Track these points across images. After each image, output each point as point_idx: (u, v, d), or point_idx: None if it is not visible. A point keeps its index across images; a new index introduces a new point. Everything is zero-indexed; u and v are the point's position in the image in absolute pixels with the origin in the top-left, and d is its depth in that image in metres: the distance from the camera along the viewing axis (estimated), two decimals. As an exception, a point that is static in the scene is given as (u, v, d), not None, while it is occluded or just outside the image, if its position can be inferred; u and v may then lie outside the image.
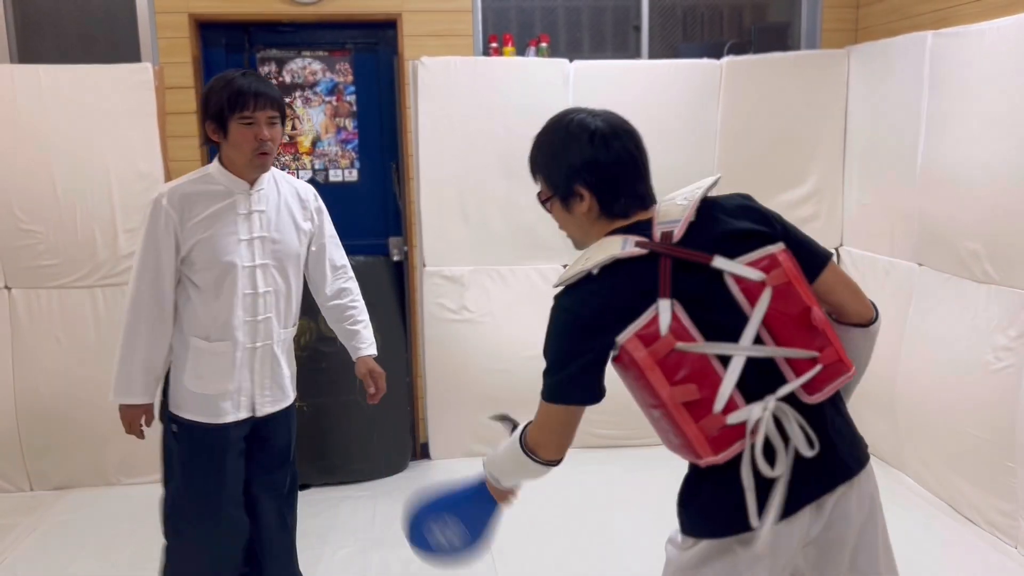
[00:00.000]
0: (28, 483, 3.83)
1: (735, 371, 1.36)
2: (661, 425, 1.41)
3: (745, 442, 1.35)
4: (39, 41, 3.91)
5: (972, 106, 3.22)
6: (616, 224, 1.52)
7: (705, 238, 1.44)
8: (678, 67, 4.00)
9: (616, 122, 1.55)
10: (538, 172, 1.61)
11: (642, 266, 1.41)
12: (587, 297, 1.43)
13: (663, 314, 1.37)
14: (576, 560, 3.11)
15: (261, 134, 2.23)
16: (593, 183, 1.51)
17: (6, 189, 3.64)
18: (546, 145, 1.58)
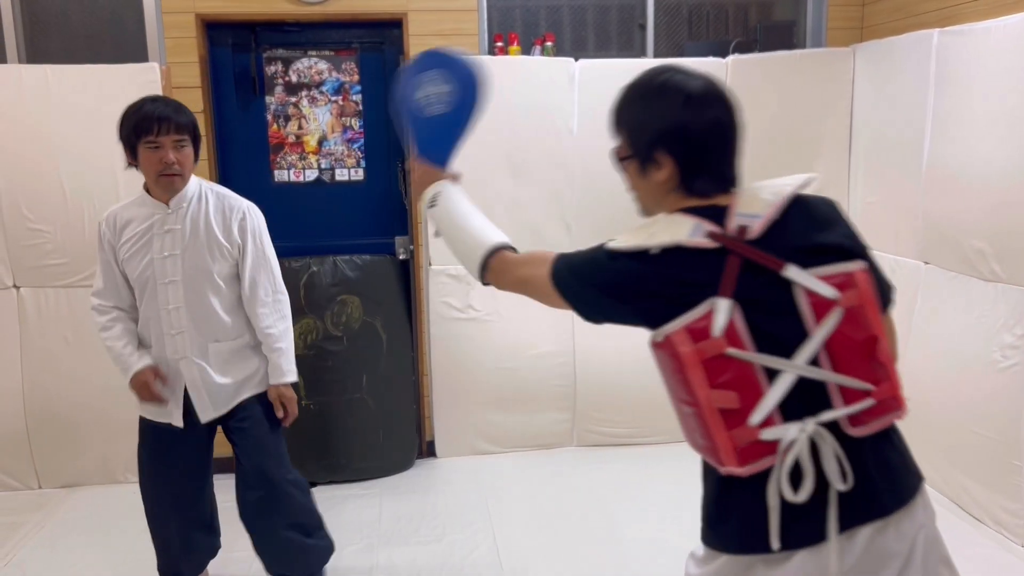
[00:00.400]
0: (36, 481, 3.86)
1: (782, 387, 1.27)
2: (689, 423, 1.34)
3: (774, 460, 1.27)
4: (46, 41, 3.93)
5: (978, 104, 3.21)
6: (691, 202, 1.39)
7: (783, 241, 1.32)
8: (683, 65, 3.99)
9: (715, 88, 1.41)
10: (620, 127, 1.48)
11: (707, 256, 1.31)
12: (637, 273, 1.34)
13: (719, 315, 1.27)
14: (581, 557, 3.11)
15: (166, 157, 2.36)
16: (678, 152, 1.38)
17: (14, 189, 3.66)
18: (635, 100, 1.44)
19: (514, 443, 4.16)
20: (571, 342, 4.12)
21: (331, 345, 3.84)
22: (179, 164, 2.38)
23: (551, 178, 3.99)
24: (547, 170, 3.98)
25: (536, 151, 3.95)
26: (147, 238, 2.46)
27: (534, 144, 3.94)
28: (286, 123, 4.06)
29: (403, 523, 3.47)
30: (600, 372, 4.09)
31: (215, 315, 2.51)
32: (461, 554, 3.18)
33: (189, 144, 2.42)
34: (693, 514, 3.67)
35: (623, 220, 4.47)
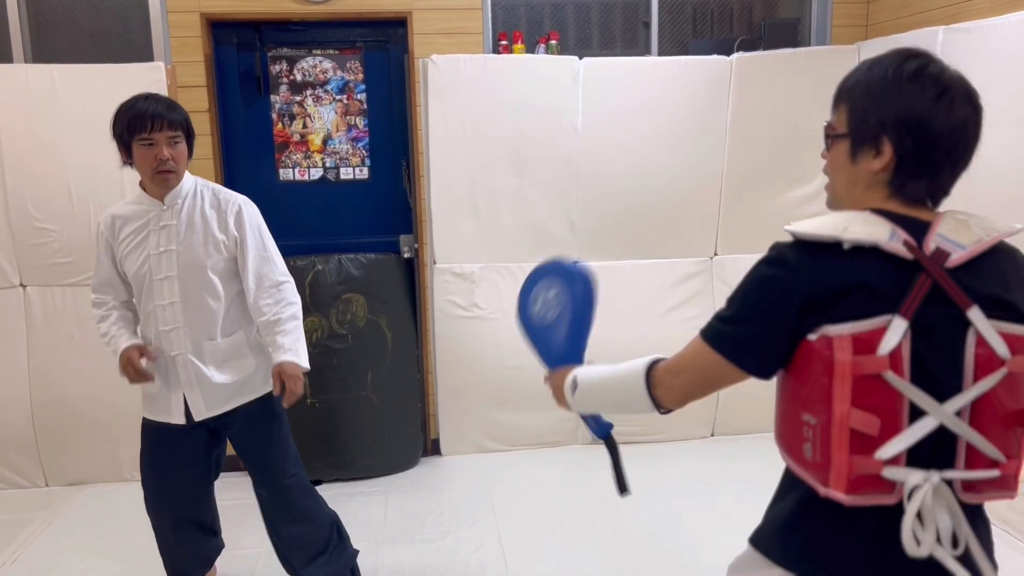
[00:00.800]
0: (44, 478, 3.88)
1: (923, 429, 1.18)
2: (804, 433, 1.23)
3: (883, 499, 1.19)
4: (53, 41, 3.94)
5: (983, 102, 3.20)
6: (891, 204, 1.28)
7: (974, 282, 1.22)
8: (688, 64, 4.00)
9: (970, 88, 1.30)
10: (845, 100, 1.32)
11: (896, 270, 1.20)
12: (822, 268, 1.21)
13: (892, 334, 1.16)
14: (586, 555, 3.12)
15: (161, 154, 2.37)
16: (907, 146, 1.24)
17: (20, 188, 3.67)
18: (876, 79, 1.27)
19: (519, 441, 4.16)
20: (576, 340, 4.12)
21: (336, 343, 3.85)
22: (173, 160, 2.40)
23: (556, 176, 3.99)
24: (552, 168, 3.98)
25: (541, 149, 3.95)
26: (143, 235, 2.48)
27: (539, 142, 3.94)
28: (291, 122, 4.07)
29: (408, 521, 3.48)
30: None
31: (211, 311, 2.51)
32: (466, 552, 3.19)
33: (183, 140, 2.43)
34: (698, 512, 3.68)
35: (628, 217, 4.50)
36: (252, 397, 2.61)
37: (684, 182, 4.05)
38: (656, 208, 4.06)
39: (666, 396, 1.40)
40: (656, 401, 1.41)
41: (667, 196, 4.06)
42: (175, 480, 2.63)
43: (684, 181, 4.05)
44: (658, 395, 1.40)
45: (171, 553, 2.74)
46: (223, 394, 2.56)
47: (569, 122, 3.96)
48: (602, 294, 4.38)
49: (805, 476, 1.25)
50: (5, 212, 3.69)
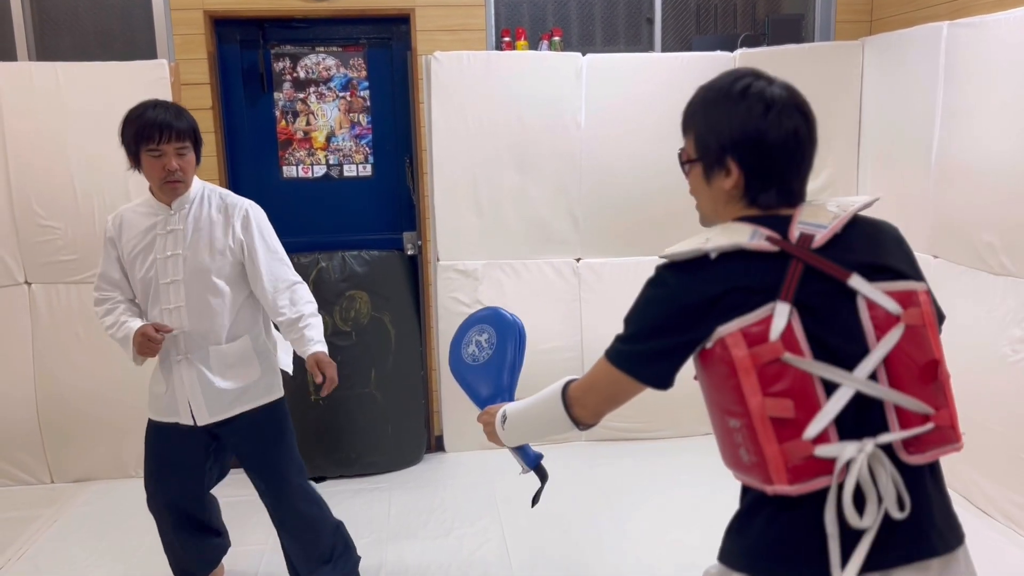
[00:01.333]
0: (49, 475, 3.89)
1: (840, 401, 1.20)
2: (734, 438, 1.26)
3: (826, 481, 1.20)
4: (56, 39, 3.95)
5: (988, 97, 3.20)
6: (752, 211, 1.35)
7: (847, 255, 1.28)
8: (691, 60, 3.99)
9: (797, 98, 1.36)
10: (690, 129, 1.41)
11: (766, 263, 1.26)
12: (696, 281, 1.28)
13: (778, 318, 1.21)
14: (589, 552, 3.12)
15: (169, 165, 2.38)
16: (748, 163, 1.33)
17: (25, 185, 3.68)
18: (710, 103, 1.37)
19: (522, 438, 4.16)
20: (579, 336, 4.12)
21: (340, 340, 3.86)
22: (181, 171, 2.40)
23: (559, 172, 3.99)
24: (555, 164, 3.98)
25: (544, 146, 3.95)
26: (150, 239, 2.48)
27: (542, 139, 3.94)
28: (294, 119, 4.07)
29: (412, 517, 3.49)
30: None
31: (216, 316, 2.50)
32: (470, 548, 3.20)
33: (191, 150, 2.43)
34: (700, 508, 3.68)
35: (631, 214, 4.50)
36: (256, 404, 2.60)
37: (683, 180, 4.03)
38: (660, 204, 4.05)
39: (582, 413, 1.49)
40: (575, 418, 1.50)
41: (671, 192, 4.02)
42: (175, 480, 2.64)
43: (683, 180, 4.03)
44: (576, 413, 1.49)
45: (175, 552, 2.75)
46: (226, 400, 2.54)
47: (572, 119, 3.95)
48: (606, 291, 4.39)
49: (750, 481, 1.28)
50: (10, 210, 3.70)
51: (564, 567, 3.03)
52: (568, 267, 4.11)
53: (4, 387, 3.78)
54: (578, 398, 1.49)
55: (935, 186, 3.51)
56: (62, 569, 3.12)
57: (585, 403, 1.48)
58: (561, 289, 4.10)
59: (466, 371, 1.94)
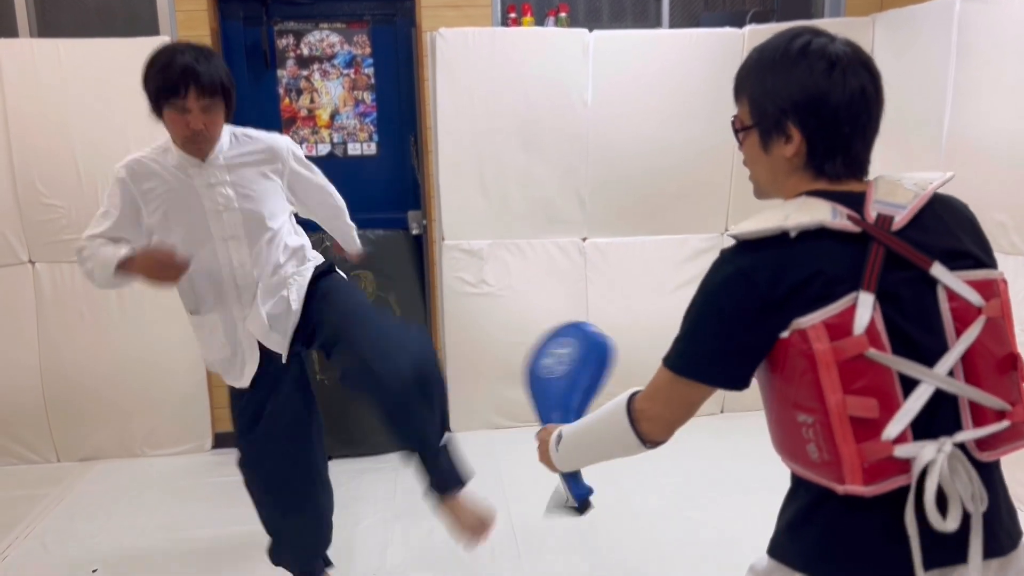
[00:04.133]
0: (55, 454, 3.90)
1: (921, 399, 1.13)
2: (803, 434, 1.18)
3: (902, 481, 1.14)
4: (58, 15, 3.91)
5: (1000, 75, 3.15)
6: (819, 184, 1.25)
7: (924, 238, 1.19)
8: (699, 36, 3.94)
9: (862, 55, 1.25)
10: (743, 92, 1.31)
11: (847, 246, 1.16)
12: (774, 263, 1.16)
13: (862, 310, 1.12)
14: (595, 531, 3.12)
15: (194, 123, 2.13)
16: (812, 126, 1.22)
17: (28, 163, 3.66)
18: (766, 64, 1.26)
19: (529, 417, 4.12)
20: (585, 316, 4.10)
21: (345, 320, 3.84)
22: (207, 128, 2.16)
23: (565, 152, 3.96)
24: (561, 143, 3.94)
25: (550, 124, 3.91)
26: (185, 194, 2.25)
27: (548, 116, 3.90)
28: (298, 97, 4.04)
29: (418, 497, 3.47)
30: (615, 346, 4.08)
31: (274, 258, 2.35)
32: (475, 527, 3.19)
33: (220, 104, 2.16)
34: (706, 485, 3.67)
35: (637, 194, 4.46)
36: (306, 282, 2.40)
37: (695, 157, 4.00)
38: (666, 183, 4.02)
39: (650, 428, 1.34)
40: (641, 435, 1.35)
41: (678, 171, 4.02)
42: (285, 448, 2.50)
43: (695, 156, 4.00)
44: (643, 429, 1.35)
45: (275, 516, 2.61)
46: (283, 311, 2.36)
47: (579, 96, 3.91)
48: (612, 271, 4.36)
49: (816, 478, 1.20)
50: (12, 189, 3.68)
51: (571, 544, 3.03)
52: (574, 247, 4.08)
53: (9, 367, 3.78)
54: (644, 411, 1.34)
55: (945, 164, 3.47)
56: (69, 547, 3.13)
57: (652, 416, 1.33)
58: (567, 269, 4.08)
59: (536, 382, 1.77)
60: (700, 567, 2.85)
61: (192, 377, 3.92)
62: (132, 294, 3.78)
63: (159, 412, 3.92)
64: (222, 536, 3.19)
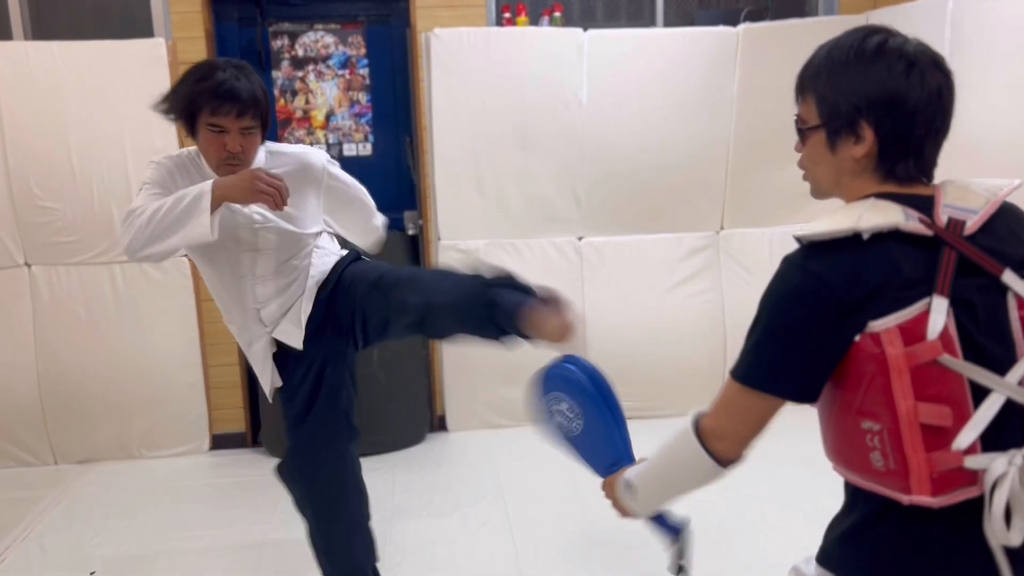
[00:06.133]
0: (53, 456, 3.90)
1: (992, 408, 1.11)
2: (867, 441, 1.14)
3: (970, 493, 1.11)
4: (53, 17, 3.91)
5: (994, 73, 3.16)
6: (887, 187, 1.21)
7: (995, 245, 1.16)
8: (694, 35, 3.95)
9: (936, 55, 1.23)
10: (810, 90, 1.27)
11: (919, 250, 1.13)
12: (849, 265, 1.13)
13: (936, 315, 1.10)
14: (592, 529, 3.13)
15: (232, 146, 2.06)
16: (887, 126, 1.18)
17: (23, 166, 3.66)
18: (838, 63, 1.23)
19: (525, 416, 4.13)
20: (582, 315, 4.11)
21: (342, 320, 3.85)
22: (244, 153, 2.08)
23: (561, 151, 3.96)
24: (557, 143, 3.95)
25: (545, 123, 3.92)
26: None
27: (543, 116, 3.91)
28: (293, 98, 4.04)
29: (415, 496, 3.50)
30: (610, 345, 4.08)
31: (298, 266, 2.30)
32: (473, 527, 3.20)
33: (258, 130, 2.10)
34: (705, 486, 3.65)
35: (633, 193, 4.46)
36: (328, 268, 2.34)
37: (690, 155, 4.01)
38: (662, 182, 4.02)
39: (723, 446, 1.28)
40: (715, 455, 1.29)
41: (673, 170, 4.02)
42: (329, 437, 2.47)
43: (690, 154, 4.01)
44: (715, 449, 1.28)
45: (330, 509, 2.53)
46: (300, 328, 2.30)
47: (574, 95, 3.92)
48: (609, 269, 4.37)
49: (879, 488, 1.16)
50: (8, 191, 3.68)
51: (567, 545, 3.04)
52: (570, 246, 4.09)
53: (6, 369, 3.78)
54: (714, 429, 1.29)
55: (940, 162, 3.48)
56: (68, 550, 3.13)
57: (724, 434, 1.28)
58: (563, 268, 4.09)
59: (568, 444, 1.70)
60: (700, 564, 2.86)
61: (190, 378, 3.92)
62: (128, 296, 3.79)
63: (157, 414, 3.92)
64: (220, 538, 3.19)
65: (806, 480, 2.84)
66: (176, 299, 3.82)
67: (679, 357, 4.07)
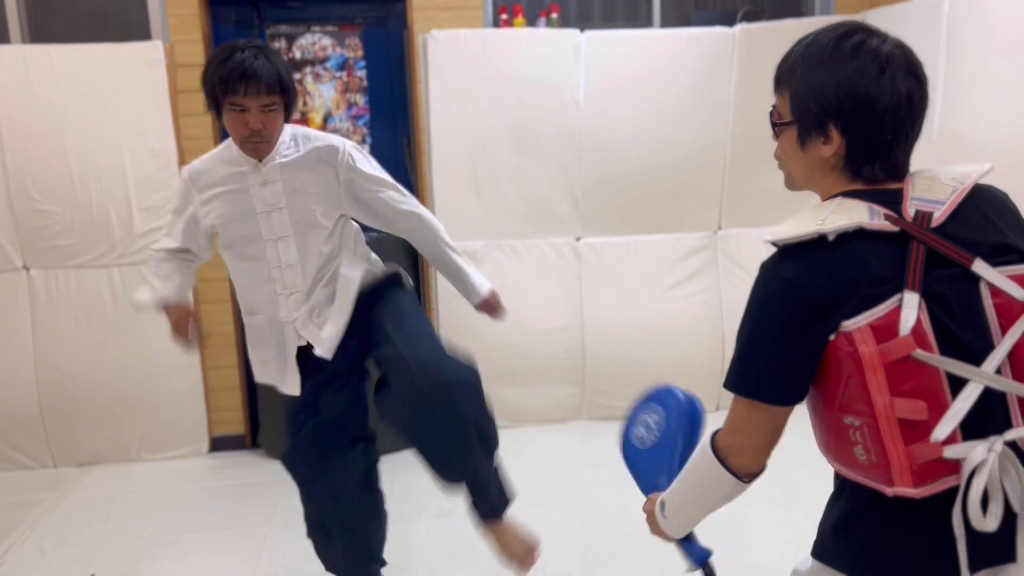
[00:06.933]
0: (51, 460, 3.90)
1: (969, 399, 1.12)
2: (850, 436, 1.17)
3: (951, 482, 1.13)
4: (50, 21, 3.91)
5: (990, 72, 3.17)
6: (855, 185, 1.22)
7: (964, 234, 1.16)
8: (691, 36, 3.96)
9: (912, 58, 1.21)
10: (785, 85, 1.27)
11: (889, 246, 1.14)
12: (819, 267, 1.15)
13: (908, 310, 1.11)
14: (591, 530, 3.13)
15: (253, 123, 2.10)
16: (854, 131, 1.19)
17: (21, 170, 3.66)
18: (813, 60, 1.21)
19: (524, 418, 4.17)
20: (579, 316, 4.12)
21: (340, 322, 3.85)
22: (266, 130, 2.12)
23: (558, 152, 3.97)
24: (554, 144, 3.95)
25: (543, 125, 3.92)
26: (239, 194, 2.23)
27: (541, 118, 3.91)
28: (291, 100, 4.04)
29: (414, 498, 3.49)
30: (608, 346, 4.09)
31: (324, 263, 2.30)
32: (472, 527, 3.20)
33: (279, 107, 2.13)
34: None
35: (631, 193, 4.46)
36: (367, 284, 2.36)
37: (687, 156, 4.02)
38: (659, 183, 4.03)
39: (741, 461, 1.28)
40: (734, 470, 1.28)
41: (670, 170, 4.03)
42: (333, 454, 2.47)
43: (687, 155, 4.02)
44: (734, 464, 1.29)
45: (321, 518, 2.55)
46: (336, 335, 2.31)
47: (571, 96, 3.92)
48: (607, 270, 4.37)
49: (864, 480, 1.19)
50: (6, 194, 3.68)
51: (566, 546, 3.04)
52: (568, 247, 4.10)
53: (4, 373, 3.78)
54: (729, 446, 1.29)
55: (937, 161, 3.49)
56: (67, 553, 3.13)
57: (738, 448, 1.28)
58: (561, 269, 4.09)
59: (631, 454, 1.73)
60: (696, 564, 2.86)
61: (188, 381, 3.92)
62: (127, 298, 3.78)
63: (155, 416, 3.92)
64: (220, 540, 3.19)
65: (805, 478, 2.84)
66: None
67: (676, 358, 4.08)
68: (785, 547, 2.65)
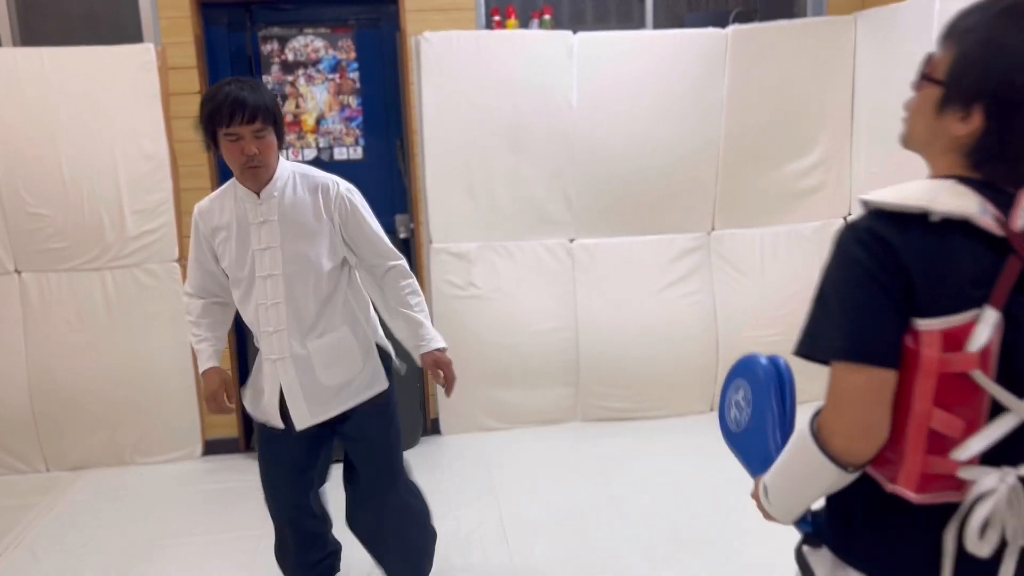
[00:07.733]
0: (44, 463, 3.88)
1: (1003, 428, 1.09)
2: None
3: (951, 497, 1.12)
4: (41, 23, 3.90)
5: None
6: (972, 174, 1.13)
7: None
8: (683, 37, 3.96)
9: None
10: (953, 43, 1.13)
11: (983, 249, 1.07)
12: (915, 244, 1.07)
13: (983, 327, 1.05)
14: (585, 531, 3.13)
15: (248, 149, 2.19)
16: (996, 122, 1.09)
17: (13, 173, 3.65)
18: (998, 29, 1.08)
19: (518, 419, 4.17)
20: (573, 317, 4.12)
21: (334, 324, 3.84)
22: (261, 155, 2.21)
23: (552, 153, 3.97)
24: (547, 145, 3.95)
25: (536, 126, 3.93)
26: (242, 230, 2.30)
27: (534, 119, 3.92)
28: (283, 102, 4.03)
29: (409, 500, 3.49)
30: (603, 347, 4.10)
31: (317, 308, 2.34)
32: (467, 529, 3.20)
33: (270, 131, 2.22)
34: (695, 485, 3.68)
35: (624, 194, 4.46)
36: (362, 399, 2.44)
37: (681, 157, 4.02)
38: (653, 183, 4.03)
39: (845, 446, 1.12)
40: (834, 455, 1.14)
41: (664, 171, 4.03)
42: (284, 474, 2.52)
43: (681, 156, 4.02)
44: (836, 450, 1.13)
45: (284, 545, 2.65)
46: (327, 396, 2.38)
47: (564, 98, 3.93)
48: (601, 271, 4.36)
49: (873, 471, 1.17)
50: (-2, 198, 3.67)
51: (561, 547, 3.04)
52: (562, 248, 4.10)
53: (-3, 376, 3.77)
54: (827, 425, 1.14)
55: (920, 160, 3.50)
56: (60, 557, 3.12)
57: (840, 429, 1.13)
58: (555, 270, 4.09)
59: (732, 440, 1.58)
60: (691, 566, 2.87)
61: (181, 384, 3.91)
62: (120, 302, 3.78)
63: (149, 420, 3.91)
64: (213, 543, 3.18)
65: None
66: (167, 305, 3.81)
67: (671, 358, 4.08)
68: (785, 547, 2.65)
